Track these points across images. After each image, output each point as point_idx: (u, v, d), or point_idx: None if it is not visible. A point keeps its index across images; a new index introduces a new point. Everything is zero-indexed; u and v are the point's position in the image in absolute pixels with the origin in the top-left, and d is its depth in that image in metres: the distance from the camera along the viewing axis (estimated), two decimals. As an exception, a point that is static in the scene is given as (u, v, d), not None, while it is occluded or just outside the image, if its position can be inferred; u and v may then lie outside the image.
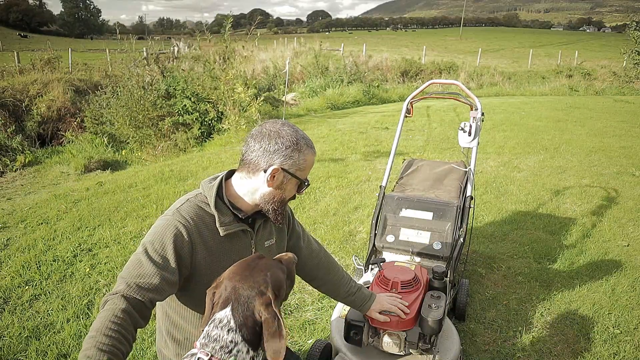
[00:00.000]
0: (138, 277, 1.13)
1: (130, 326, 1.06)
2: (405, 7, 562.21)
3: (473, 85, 15.62)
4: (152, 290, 1.13)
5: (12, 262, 3.12)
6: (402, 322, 1.62)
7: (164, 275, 1.16)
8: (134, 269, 1.15)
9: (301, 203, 4.30)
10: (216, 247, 1.28)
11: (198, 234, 1.24)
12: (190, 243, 1.22)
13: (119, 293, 1.10)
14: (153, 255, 1.17)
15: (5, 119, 8.32)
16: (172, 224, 1.21)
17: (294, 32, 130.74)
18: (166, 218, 1.24)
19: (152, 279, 1.14)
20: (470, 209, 2.45)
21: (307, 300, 2.68)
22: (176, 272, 1.19)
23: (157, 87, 8.33)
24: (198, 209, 1.27)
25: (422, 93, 3.03)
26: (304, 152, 1.28)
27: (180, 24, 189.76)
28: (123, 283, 1.13)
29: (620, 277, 2.92)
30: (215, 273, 1.28)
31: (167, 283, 1.17)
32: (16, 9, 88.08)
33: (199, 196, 1.31)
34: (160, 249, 1.18)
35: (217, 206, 1.28)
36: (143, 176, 5.24)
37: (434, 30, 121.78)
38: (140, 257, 1.17)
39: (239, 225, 1.31)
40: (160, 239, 1.19)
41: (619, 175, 5.15)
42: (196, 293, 1.29)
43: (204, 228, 1.26)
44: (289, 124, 1.30)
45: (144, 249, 1.19)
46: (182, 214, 1.24)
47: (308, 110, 10.95)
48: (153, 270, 1.15)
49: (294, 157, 1.26)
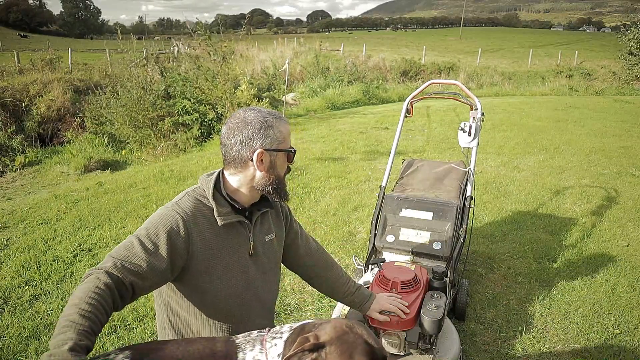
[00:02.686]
0: (126, 258, 1.16)
1: (110, 301, 1.08)
2: (405, 7, 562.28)
3: (473, 85, 15.62)
4: (136, 274, 1.15)
5: (12, 262, 3.12)
6: (402, 322, 1.62)
7: (152, 262, 1.18)
8: (124, 250, 1.18)
9: (301, 203, 4.30)
10: (214, 239, 1.30)
11: (195, 226, 1.27)
12: (187, 234, 1.24)
13: (103, 269, 1.12)
14: (145, 241, 1.19)
15: (5, 119, 8.32)
16: (169, 215, 1.25)
17: (294, 32, 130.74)
18: (165, 208, 1.28)
19: (139, 262, 1.16)
20: (470, 209, 2.45)
21: (307, 300, 2.68)
22: (166, 261, 1.20)
23: (156, 87, 8.33)
24: (196, 202, 1.31)
25: (422, 93, 3.03)
26: (276, 126, 1.31)
27: (180, 24, 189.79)
28: (110, 261, 1.15)
29: (620, 277, 2.92)
30: (213, 265, 1.31)
31: (154, 271, 1.18)
32: (16, 9, 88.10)
33: (197, 189, 1.35)
34: (154, 236, 1.20)
35: (215, 198, 1.32)
36: (143, 176, 5.24)
37: (434, 31, 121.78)
38: (133, 241, 1.20)
39: (237, 217, 1.34)
40: (155, 227, 1.22)
41: (619, 175, 5.15)
42: (193, 283, 1.31)
43: (202, 219, 1.29)
44: (251, 108, 1.34)
45: (138, 234, 1.22)
46: (180, 205, 1.28)
47: (308, 110, 10.95)
48: (142, 255, 1.17)
49: (270, 134, 1.29)
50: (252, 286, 1.39)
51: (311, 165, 5.52)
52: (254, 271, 1.40)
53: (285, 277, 2.89)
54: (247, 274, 1.38)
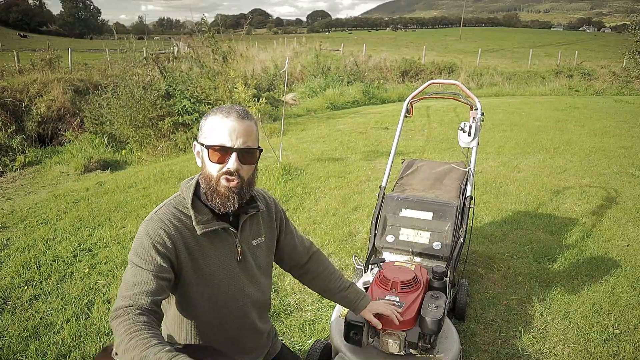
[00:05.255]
0: (135, 287, 1.13)
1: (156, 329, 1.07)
2: (405, 7, 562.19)
3: (473, 85, 15.62)
4: (153, 293, 1.13)
5: (12, 262, 3.12)
6: (402, 322, 1.62)
7: (159, 276, 1.16)
8: (129, 282, 1.15)
9: (301, 203, 4.30)
10: (197, 248, 1.26)
11: (178, 235, 1.23)
12: (172, 244, 1.21)
13: (123, 308, 1.09)
14: (141, 263, 1.17)
15: (5, 119, 8.31)
16: (150, 229, 1.21)
17: (294, 32, 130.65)
18: (145, 224, 1.24)
19: (149, 284, 1.14)
20: (470, 209, 2.45)
21: (307, 300, 2.68)
22: (169, 270, 1.20)
23: (157, 87, 8.32)
24: (175, 211, 1.26)
25: (422, 93, 3.03)
26: (210, 117, 1.26)
27: (180, 24, 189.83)
28: (122, 298, 1.12)
29: (620, 277, 2.92)
30: (199, 275, 1.26)
31: (166, 281, 1.18)
32: (16, 9, 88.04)
33: (178, 198, 1.31)
34: (145, 254, 1.18)
35: (194, 205, 1.27)
36: (143, 176, 5.24)
37: (434, 31, 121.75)
38: (132, 270, 1.17)
39: (219, 224, 1.28)
40: (142, 246, 1.19)
41: (619, 175, 5.15)
42: (183, 296, 1.29)
43: (183, 229, 1.25)
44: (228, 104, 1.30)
45: (132, 261, 1.19)
46: (159, 217, 1.24)
47: (308, 110, 10.95)
48: (148, 276, 1.15)
49: (203, 125, 1.27)
50: (243, 292, 1.36)
51: (311, 165, 5.52)
52: (243, 277, 1.36)
53: (285, 277, 2.89)
54: (236, 280, 1.34)
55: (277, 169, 5.01)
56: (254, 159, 1.28)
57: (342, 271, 3.03)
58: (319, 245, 3.39)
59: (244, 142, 1.23)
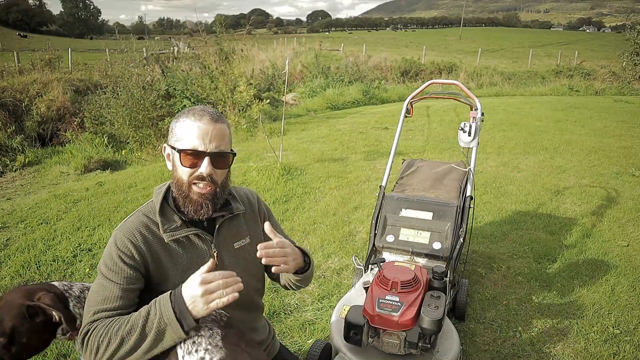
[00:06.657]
0: (105, 302, 1.12)
1: None
2: (405, 7, 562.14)
3: (473, 85, 15.62)
4: (121, 308, 1.12)
5: (12, 262, 3.12)
6: (402, 322, 1.62)
7: (128, 288, 1.15)
8: (98, 295, 1.14)
9: (301, 203, 4.30)
10: (166, 256, 1.22)
11: (145, 245, 1.20)
12: (139, 255, 1.18)
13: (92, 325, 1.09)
14: (110, 275, 1.15)
15: (5, 119, 8.31)
16: (118, 240, 1.19)
17: (294, 32, 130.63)
18: (114, 234, 1.22)
19: (117, 301, 1.12)
20: (470, 209, 2.45)
21: (307, 300, 2.68)
22: (139, 278, 1.18)
23: (157, 87, 8.33)
24: (145, 219, 1.23)
25: (422, 93, 3.03)
26: (182, 119, 1.22)
27: (180, 24, 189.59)
28: (91, 313, 1.11)
29: (620, 277, 2.92)
30: (169, 283, 1.21)
31: (136, 292, 1.17)
32: (16, 9, 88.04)
33: (149, 204, 1.27)
34: (114, 266, 1.16)
35: (163, 212, 1.23)
36: (143, 176, 5.24)
37: (434, 30, 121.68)
38: (101, 281, 1.16)
39: (188, 230, 1.24)
40: (110, 257, 1.18)
41: (619, 175, 5.15)
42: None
43: (151, 238, 1.21)
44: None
45: (101, 272, 1.17)
46: (127, 226, 1.21)
47: (308, 110, 10.95)
48: (116, 289, 1.13)
49: (174, 127, 1.24)
50: None
51: (311, 165, 5.52)
52: None
53: (285, 277, 2.89)
54: None
55: (277, 169, 5.01)
56: (228, 163, 1.24)
57: (342, 271, 3.03)
58: (319, 245, 3.40)
59: (217, 145, 1.19)
